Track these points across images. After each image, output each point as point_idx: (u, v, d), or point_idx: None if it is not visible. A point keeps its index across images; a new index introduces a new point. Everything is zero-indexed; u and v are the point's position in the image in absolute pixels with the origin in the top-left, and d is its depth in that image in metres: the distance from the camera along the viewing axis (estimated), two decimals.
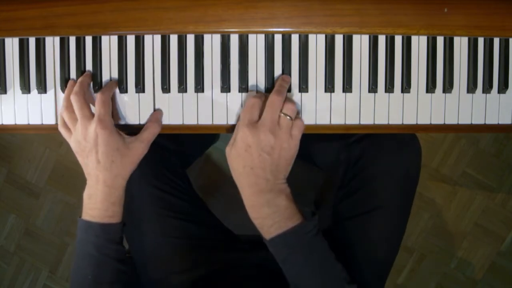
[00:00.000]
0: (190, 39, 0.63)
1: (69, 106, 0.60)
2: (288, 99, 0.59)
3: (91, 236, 0.60)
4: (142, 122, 0.64)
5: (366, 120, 0.64)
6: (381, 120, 0.64)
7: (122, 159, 0.59)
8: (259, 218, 0.59)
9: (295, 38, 0.63)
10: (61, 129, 0.62)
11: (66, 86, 0.63)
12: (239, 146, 0.58)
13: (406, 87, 0.63)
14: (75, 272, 0.62)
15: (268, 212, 0.58)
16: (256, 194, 0.58)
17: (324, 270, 0.59)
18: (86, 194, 0.61)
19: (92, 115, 0.59)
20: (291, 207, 0.59)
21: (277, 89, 0.59)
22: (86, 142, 0.59)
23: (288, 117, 0.58)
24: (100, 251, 0.60)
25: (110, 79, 0.63)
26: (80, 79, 0.61)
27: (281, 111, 0.58)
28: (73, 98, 0.59)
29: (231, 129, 0.64)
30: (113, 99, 0.63)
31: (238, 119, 0.63)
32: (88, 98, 0.61)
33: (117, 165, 0.59)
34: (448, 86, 0.64)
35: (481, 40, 0.64)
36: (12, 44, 0.64)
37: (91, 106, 0.62)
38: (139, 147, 0.61)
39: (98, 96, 0.59)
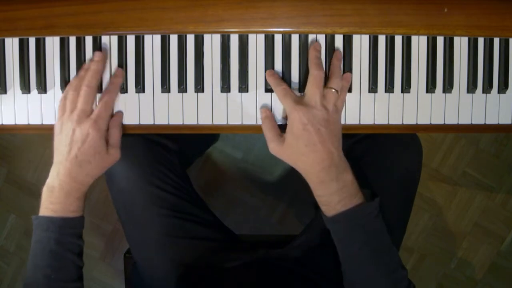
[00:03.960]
0: (190, 39, 0.63)
1: (77, 89, 0.60)
2: (336, 74, 0.60)
3: (53, 232, 0.59)
4: (142, 122, 0.64)
5: (366, 120, 0.64)
6: (381, 120, 0.64)
7: (99, 162, 0.60)
8: (326, 195, 0.60)
9: (295, 38, 0.63)
10: (60, 104, 0.61)
11: (66, 86, 0.63)
12: (295, 128, 0.58)
13: (406, 87, 0.63)
14: (32, 274, 0.60)
15: (337, 187, 0.58)
16: (325, 169, 0.58)
17: (382, 251, 0.60)
18: (47, 187, 0.61)
19: (91, 112, 0.60)
20: (356, 183, 0.60)
21: (314, 62, 0.60)
22: (74, 134, 0.59)
23: (333, 90, 0.59)
24: (64, 247, 0.60)
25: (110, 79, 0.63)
26: (92, 72, 0.61)
27: (327, 85, 0.59)
28: (84, 90, 0.59)
29: (231, 129, 0.64)
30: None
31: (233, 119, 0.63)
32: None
33: (91, 167, 0.60)
34: (448, 86, 0.64)
35: (481, 40, 0.64)
36: (12, 44, 0.64)
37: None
38: (116, 152, 0.62)
39: (104, 96, 0.60)
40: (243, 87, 0.63)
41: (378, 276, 0.59)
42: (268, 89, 0.63)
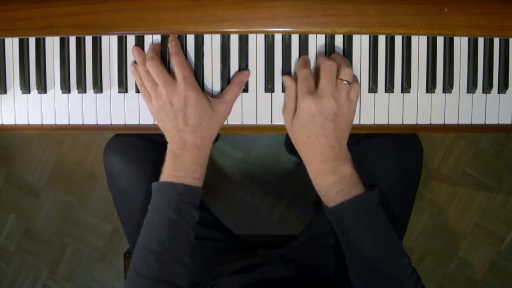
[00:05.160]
0: (190, 39, 0.63)
1: (147, 71, 0.60)
2: (343, 63, 0.59)
3: (174, 199, 0.58)
4: (142, 122, 0.64)
5: (366, 120, 0.64)
6: (381, 120, 0.64)
7: (209, 121, 0.59)
8: (324, 186, 0.59)
9: (295, 38, 0.63)
10: (144, 98, 0.61)
11: (65, 86, 0.63)
12: (302, 117, 0.58)
13: (406, 87, 0.63)
14: (147, 239, 0.59)
15: (334, 180, 0.58)
16: (323, 162, 0.58)
17: (385, 240, 0.59)
18: (170, 156, 0.60)
19: (173, 78, 0.59)
20: (355, 175, 0.59)
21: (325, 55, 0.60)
22: (172, 105, 0.58)
23: (345, 82, 0.58)
24: (181, 216, 0.58)
25: (110, 79, 0.63)
26: (151, 47, 0.61)
27: (338, 76, 0.58)
28: (149, 64, 0.59)
29: (231, 129, 0.64)
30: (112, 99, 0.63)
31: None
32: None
33: (204, 127, 0.59)
34: (448, 86, 0.64)
35: (481, 40, 0.64)
36: (12, 44, 0.64)
37: None
38: (224, 108, 0.60)
39: (175, 59, 0.59)
40: (243, 87, 0.63)
41: (382, 265, 0.58)
42: (268, 89, 0.63)
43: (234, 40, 0.63)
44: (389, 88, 0.63)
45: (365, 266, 0.59)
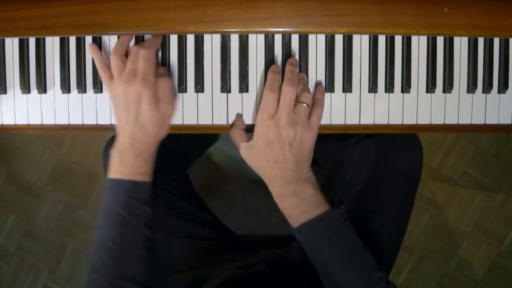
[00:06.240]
0: (190, 39, 0.63)
1: (119, 53, 0.60)
2: (303, 88, 0.59)
3: (121, 196, 0.58)
4: None
5: (366, 120, 0.64)
6: (381, 120, 0.64)
7: (157, 120, 0.59)
8: (287, 208, 0.60)
9: (295, 38, 0.63)
10: (103, 72, 0.61)
11: (65, 86, 0.63)
12: (260, 142, 0.58)
13: (406, 87, 0.63)
14: (100, 237, 0.59)
15: (296, 202, 0.58)
16: (283, 185, 0.59)
17: (352, 256, 0.59)
18: (116, 151, 0.59)
19: (133, 74, 0.58)
20: (318, 195, 0.59)
21: (288, 77, 0.59)
22: (126, 96, 0.58)
23: (304, 104, 0.58)
24: (130, 212, 0.58)
25: None
26: (120, 38, 0.61)
27: (297, 99, 0.58)
28: (112, 57, 0.59)
29: (231, 129, 0.64)
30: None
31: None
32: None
33: (152, 126, 0.58)
34: (448, 86, 0.64)
35: (481, 40, 0.64)
36: (12, 44, 0.64)
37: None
38: (164, 108, 0.60)
39: (141, 52, 0.58)
40: (243, 87, 0.63)
41: (350, 281, 0.58)
42: None
43: (234, 40, 0.63)
44: (389, 88, 0.63)
45: (334, 282, 0.59)
